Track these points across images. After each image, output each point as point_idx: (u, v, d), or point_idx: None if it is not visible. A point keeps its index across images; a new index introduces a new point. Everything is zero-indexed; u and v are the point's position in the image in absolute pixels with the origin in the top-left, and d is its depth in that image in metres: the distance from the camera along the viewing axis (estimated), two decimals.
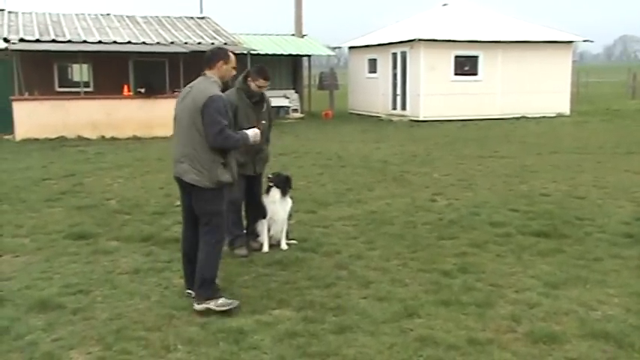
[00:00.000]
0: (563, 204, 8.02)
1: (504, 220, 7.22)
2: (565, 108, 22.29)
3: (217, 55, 4.86)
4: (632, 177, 9.83)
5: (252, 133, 4.98)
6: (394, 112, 22.36)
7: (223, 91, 4.94)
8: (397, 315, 4.53)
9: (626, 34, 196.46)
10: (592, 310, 4.56)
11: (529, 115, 21.11)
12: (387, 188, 9.37)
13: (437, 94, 20.83)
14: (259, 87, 6.07)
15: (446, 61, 21.06)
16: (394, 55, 22.36)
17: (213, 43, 19.76)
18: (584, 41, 24.34)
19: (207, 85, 4.75)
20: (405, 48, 21.50)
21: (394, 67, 22.46)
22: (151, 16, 22.19)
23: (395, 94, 22.50)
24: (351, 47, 26.30)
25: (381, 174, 10.65)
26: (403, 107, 22.02)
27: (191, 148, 4.67)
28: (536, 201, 8.26)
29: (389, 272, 5.49)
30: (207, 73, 4.84)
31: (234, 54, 5.06)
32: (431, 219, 7.36)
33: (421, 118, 20.69)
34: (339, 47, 28.65)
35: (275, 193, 6.26)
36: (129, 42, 18.89)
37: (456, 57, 21.28)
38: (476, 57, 21.47)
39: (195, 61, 19.62)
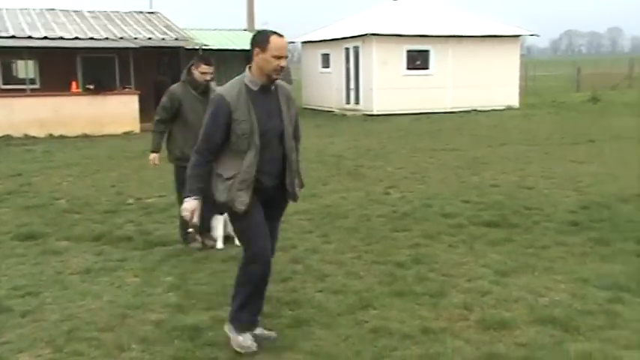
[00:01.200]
0: (513, 194, 8.22)
1: (456, 211, 7.36)
2: (514, 101, 22.79)
3: (253, 42, 3.78)
4: (578, 167, 10.13)
5: (186, 204, 3.81)
6: (348, 106, 22.48)
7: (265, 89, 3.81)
8: (352, 307, 4.57)
9: (570, 29, 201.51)
10: (540, 297, 4.69)
11: (480, 109, 21.51)
12: (342, 182, 9.43)
13: (390, 89, 21.02)
14: (202, 73, 5.97)
15: (398, 55, 21.26)
16: (347, 49, 22.46)
17: (163, 39, 19.50)
18: (531, 35, 24.95)
19: (229, 82, 3.88)
20: (358, 43, 21.61)
21: (347, 61, 22.56)
22: (98, 11, 21.72)
23: (348, 89, 22.62)
24: (304, 42, 26.30)
25: (336, 168, 10.71)
26: (357, 102, 22.15)
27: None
28: (487, 192, 8.43)
29: (344, 265, 5.54)
30: (249, 66, 3.84)
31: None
32: (385, 212, 7.44)
33: (374, 113, 20.86)
34: (293, 42, 28.58)
35: None
36: (76, 38, 18.45)
37: (408, 51, 21.51)
38: (427, 51, 21.74)
39: (145, 57, 19.45)
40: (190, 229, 4.67)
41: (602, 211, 7.06)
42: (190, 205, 3.78)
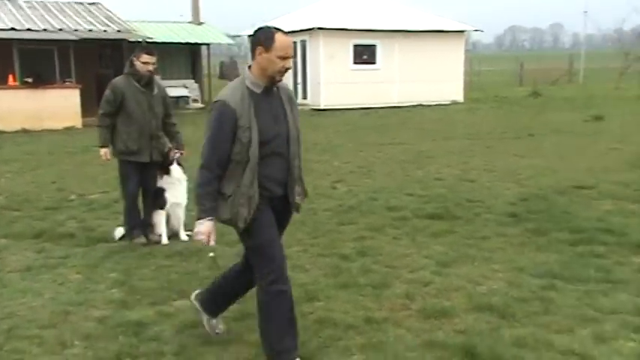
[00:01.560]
0: (456, 187, 8.43)
1: (401, 204, 7.50)
2: (459, 96, 23.26)
3: (255, 39, 3.45)
4: (519, 160, 10.44)
5: (200, 228, 3.47)
6: None
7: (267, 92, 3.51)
8: (298, 299, 4.58)
9: (514, 25, 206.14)
10: (479, 285, 4.85)
11: (426, 103, 21.88)
12: None
13: (337, 83, 21.16)
14: (144, 63, 5.88)
15: (345, 49, 21.41)
16: (294, 43, 22.42)
17: (105, 31, 19.09)
18: (476, 31, 25.50)
19: (229, 85, 3.56)
20: (305, 37, 21.66)
21: (294, 55, 22.56)
22: (35, 1, 21.05)
23: (295, 83, 22.64)
24: (250, 36, 26.18)
25: None
26: (304, 96, 22.21)
27: None
28: (431, 185, 8.62)
29: (290, 258, 5.53)
30: (250, 66, 3.55)
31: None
32: (331, 205, 7.53)
33: (322, 107, 20.96)
34: (239, 35, 28.44)
35: (177, 171, 6.15)
36: (12, 28, 17.83)
37: (355, 46, 21.68)
38: (374, 46, 21.96)
39: (87, 50, 19.00)
40: (211, 254, 4.41)
41: (540, 203, 7.32)
42: (206, 227, 3.41)
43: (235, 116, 3.37)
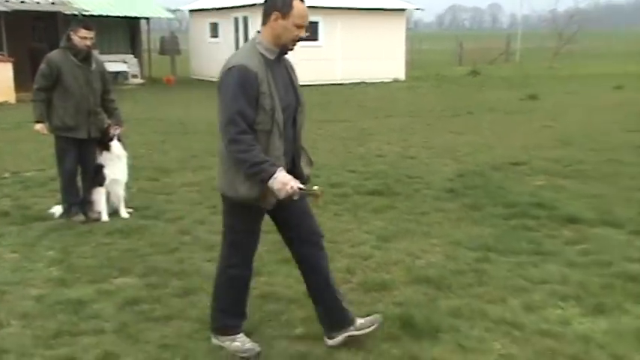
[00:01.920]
0: (396, 164, 8.58)
1: (342, 180, 7.60)
2: (400, 74, 23.52)
3: (271, 3, 3.24)
4: (456, 137, 10.69)
5: (279, 183, 3.17)
6: None
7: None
8: None
9: (455, 4, 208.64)
10: (417, 259, 5.00)
11: (368, 81, 22.04)
12: None
13: None
14: (82, 38, 5.73)
15: None
16: (236, 19, 22.19)
17: (38, 3, 18.37)
18: (417, 9, 25.73)
19: (241, 50, 3.35)
20: (247, 12, 21.41)
21: (236, 31, 22.30)
22: None
23: None
24: (191, 10, 25.68)
25: None
26: None
27: (219, 142, 3.35)
28: (372, 162, 8.75)
29: None
30: (260, 31, 3.32)
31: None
32: None
33: None
34: (180, 10, 27.84)
35: (117, 147, 6.06)
36: None
37: None
38: (316, 23, 21.90)
39: (19, 22, 18.24)
40: (316, 187, 3.36)
41: (476, 179, 7.54)
42: (286, 176, 3.16)
43: (257, 81, 3.14)
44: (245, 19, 21.64)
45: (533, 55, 37.65)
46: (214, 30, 23.85)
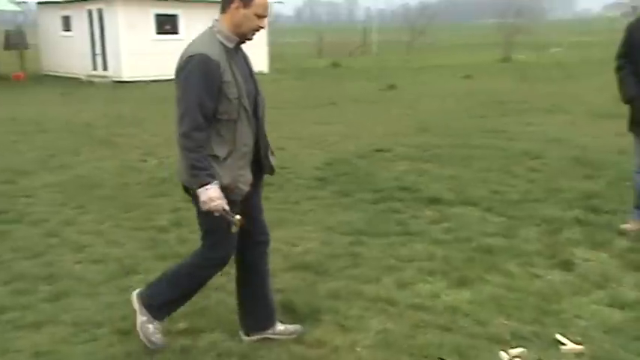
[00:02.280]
0: None
1: None
2: (264, 66, 23.61)
3: None
4: (322, 128, 10.97)
5: (207, 197, 3.08)
6: (95, 72, 21.31)
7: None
8: (114, 275, 4.53)
9: None
10: (294, 246, 5.12)
11: None
12: (95, 152, 9.05)
13: (139, 54, 20.37)
14: None
15: (146, 19, 20.64)
16: (90, 12, 21.17)
17: None
18: (276, 2, 25.93)
19: (199, 39, 3.21)
20: (101, 5, 20.50)
21: (91, 25, 21.28)
22: None
23: (94, 54, 21.42)
24: (39, 3, 24.12)
25: (87, 137, 10.22)
26: (105, 68, 21.10)
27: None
28: None
29: (103, 235, 5.42)
30: (218, 19, 3.25)
31: None
32: (143, 179, 7.37)
33: (125, 79, 20.08)
34: (25, 2, 26.05)
35: None
36: None
37: (156, 15, 20.98)
38: (176, 16, 21.43)
39: None
40: (238, 217, 3.22)
41: (344, 167, 7.82)
42: (218, 192, 3.07)
43: (220, 70, 3.06)
44: (100, 12, 20.71)
45: (389, 47, 39.30)
46: (66, 23, 22.59)
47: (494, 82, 16.86)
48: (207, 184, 3.07)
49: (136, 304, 3.48)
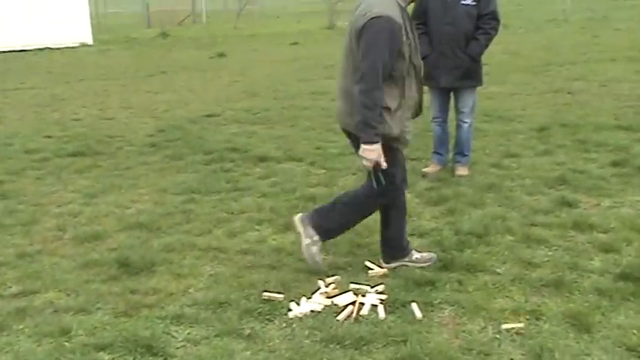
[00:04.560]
0: (95, 126, 8.54)
1: (40, 146, 7.37)
2: (87, 38, 22.52)
3: None
4: (153, 96, 10.91)
5: (371, 153, 3.46)
6: None
7: None
8: None
9: None
10: (127, 209, 5.26)
11: (53, 46, 20.68)
12: None
13: None
14: None
15: None
16: None
17: None
18: None
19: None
20: None
21: None
22: None
23: None
24: None
25: None
26: None
27: (344, 79, 3.57)
28: (69, 126, 8.57)
29: None
30: None
31: None
32: None
33: None
34: None
35: None
36: None
37: None
38: None
39: None
40: None
41: (176, 132, 7.95)
42: (379, 150, 3.45)
43: (401, 32, 3.36)
44: None
45: (218, 16, 38.95)
46: None
47: (320, 48, 17.54)
48: (372, 143, 3.41)
49: (300, 226, 3.86)
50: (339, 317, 3.42)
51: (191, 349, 3.17)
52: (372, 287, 3.73)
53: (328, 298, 3.64)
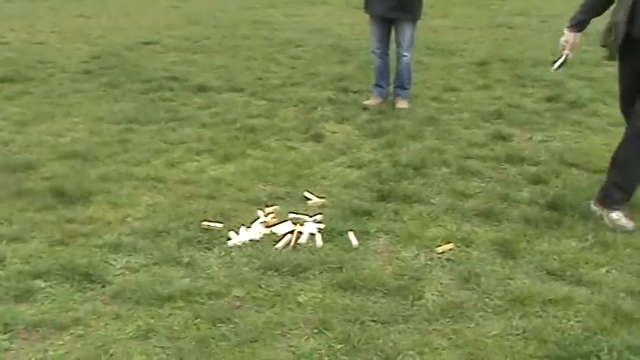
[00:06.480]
0: (24, 50, 8.15)
1: None
2: None
3: None
4: (87, 21, 10.43)
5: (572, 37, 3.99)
6: None
7: None
8: None
9: None
10: (61, 137, 5.11)
11: None
12: None
13: None
14: None
15: None
16: None
17: None
18: None
19: None
20: None
21: None
22: None
23: None
24: None
25: None
26: None
27: None
28: None
29: None
30: None
31: None
32: None
33: None
34: None
35: None
36: None
37: None
38: None
39: None
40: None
41: (112, 59, 7.67)
42: (572, 37, 3.91)
43: None
44: None
45: None
46: None
47: None
48: (569, 28, 3.95)
49: (598, 212, 3.78)
50: (277, 245, 3.49)
51: (130, 277, 3.18)
52: (311, 217, 3.79)
53: (267, 227, 3.69)
